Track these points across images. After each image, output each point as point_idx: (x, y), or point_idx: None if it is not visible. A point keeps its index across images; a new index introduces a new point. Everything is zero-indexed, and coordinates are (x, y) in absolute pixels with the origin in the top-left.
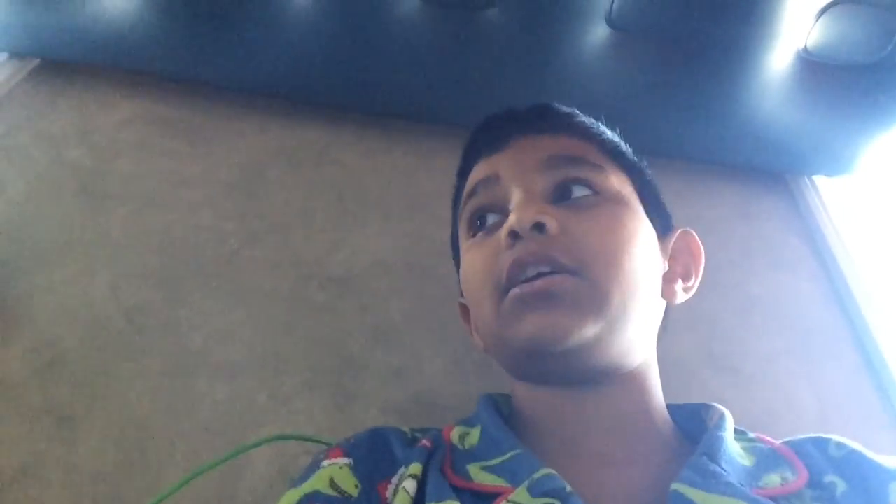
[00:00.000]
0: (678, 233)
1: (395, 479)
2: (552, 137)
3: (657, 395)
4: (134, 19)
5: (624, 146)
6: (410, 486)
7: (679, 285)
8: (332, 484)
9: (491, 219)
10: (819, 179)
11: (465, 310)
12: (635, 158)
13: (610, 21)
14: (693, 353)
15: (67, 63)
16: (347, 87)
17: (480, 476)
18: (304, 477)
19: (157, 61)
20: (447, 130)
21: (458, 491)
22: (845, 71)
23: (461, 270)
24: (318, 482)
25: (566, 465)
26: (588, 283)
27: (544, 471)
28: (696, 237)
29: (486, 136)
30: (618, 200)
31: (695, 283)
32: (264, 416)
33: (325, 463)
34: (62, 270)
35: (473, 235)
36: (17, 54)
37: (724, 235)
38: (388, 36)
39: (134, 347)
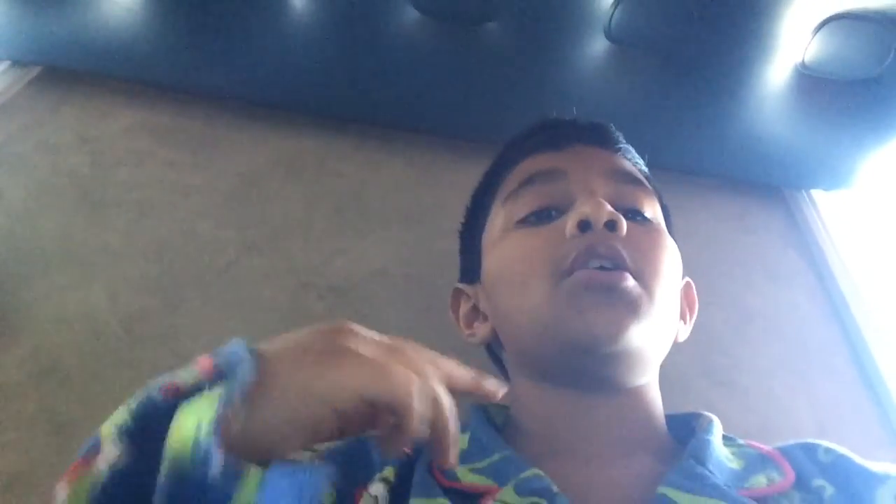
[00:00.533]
0: (684, 281)
1: (370, 486)
2: (613, 154)
3: (659, 408)
4: (136, 29)
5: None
6: (378, 489)
7: (680, 324)
8: None
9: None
10: (817, 193)
11: (457, 297)
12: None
13: (609, 34)
14: (690, 365)
15: (69, 71)
16: (347, 98)
17: (468, 477)
18: None
19: (158, 71)
20: (446, 142)
21: (445, 491)
22: (843, 85)
23: (498, 254)
24: None
25: (555, 466)
26: (646, 290)
27: (532, 471)
28: (694, 289)
29: (544, 134)
30: (663, 229)
31: (689, 329)
32: None
33: None
34: (60, 278)
35: (522, 220)
36: (19, 62)
37: (721, 248)
38: (388, 48)
39: (131, 355)
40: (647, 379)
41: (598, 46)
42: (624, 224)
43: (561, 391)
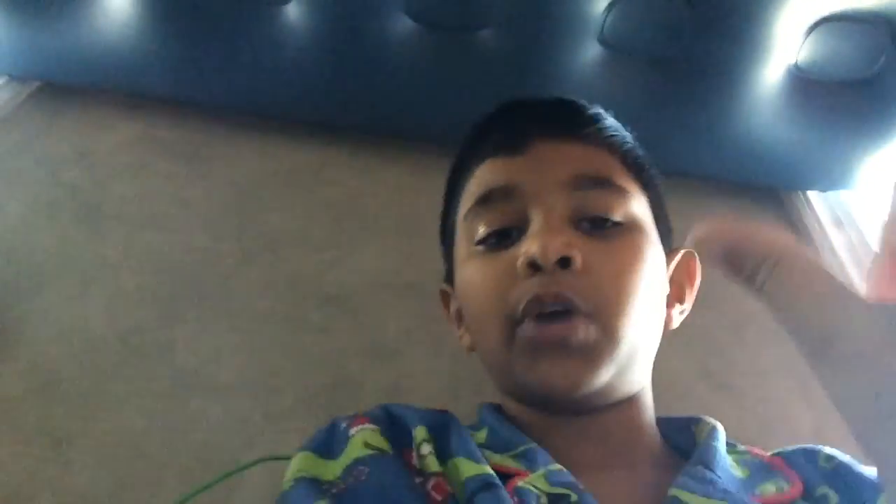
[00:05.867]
0: (681, 254)
1: (415, 450)
2: (577, 146)
3: (649, 412)
4: (132, 43)
5: (642, 154)
6: (427, 449)
7: (676, 309)
8: (368, 445)
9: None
10: (813, 194)
11: (446, 298)
12: (650, 168)
13: (602, 40)
14: (688, 369)
15: (67, 86)
16: (343, 108)
17: (496, 458)
18: (330, 448)
19: (155, 84)
20: (442, 150)
21: None
22: (837, 87)
23: (462, 278)
24: (354, 450)
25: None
26: (601, 329)
27: (558, 466)
28: (698, 260)
29: (501, 131)
30: (637, 229)
31: (688, 305)
32: (259, 436)
33: (354, 430)
34: (58, 291)
35: (480, 243)
36: (17, 77)
37: None
38: (383, 57)
39: (128, 368)
40: (635, 388)
41: (591, 52)
42: (578, 258)
43: (542, 413)
